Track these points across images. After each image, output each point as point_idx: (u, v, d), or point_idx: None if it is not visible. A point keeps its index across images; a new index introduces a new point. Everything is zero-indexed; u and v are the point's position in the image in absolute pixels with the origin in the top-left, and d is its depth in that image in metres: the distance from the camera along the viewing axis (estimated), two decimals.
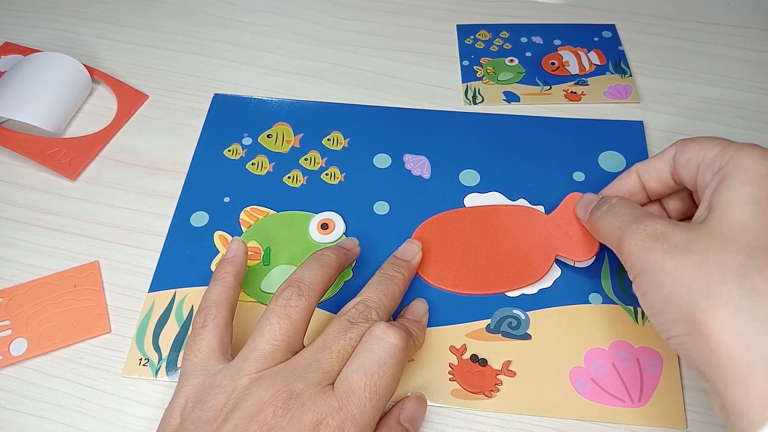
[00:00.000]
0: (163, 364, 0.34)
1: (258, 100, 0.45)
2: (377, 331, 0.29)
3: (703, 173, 0.29)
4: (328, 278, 0.32)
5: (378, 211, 0.39)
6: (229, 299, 0.32)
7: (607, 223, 0.30)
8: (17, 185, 0.41)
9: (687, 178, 0.31)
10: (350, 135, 0.43)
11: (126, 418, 0.32)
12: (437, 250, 0.37)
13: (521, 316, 0.35)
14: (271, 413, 0.26)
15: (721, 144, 0.29)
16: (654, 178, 0.32)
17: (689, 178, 0.30)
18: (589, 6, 0.52)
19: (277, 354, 0.29)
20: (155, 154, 0.43)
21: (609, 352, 0.33)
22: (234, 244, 0.35)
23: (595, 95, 0.45)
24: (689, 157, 0.30)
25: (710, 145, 0.29)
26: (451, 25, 0.51)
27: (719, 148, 0.29)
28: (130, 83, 0.47)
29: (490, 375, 0.33)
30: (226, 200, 0.40)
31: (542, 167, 0.41)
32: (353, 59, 0.48)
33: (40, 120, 0.42)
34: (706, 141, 0.30)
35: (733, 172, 0.27)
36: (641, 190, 0.33)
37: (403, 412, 0.30)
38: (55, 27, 0.51)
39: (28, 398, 0.33)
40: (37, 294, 0.36)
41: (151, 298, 0.36)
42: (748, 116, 0.44)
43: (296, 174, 0.41)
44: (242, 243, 0.35)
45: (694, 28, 0.50)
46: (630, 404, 0.32)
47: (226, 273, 0.33)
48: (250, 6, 0.53)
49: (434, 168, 0.41)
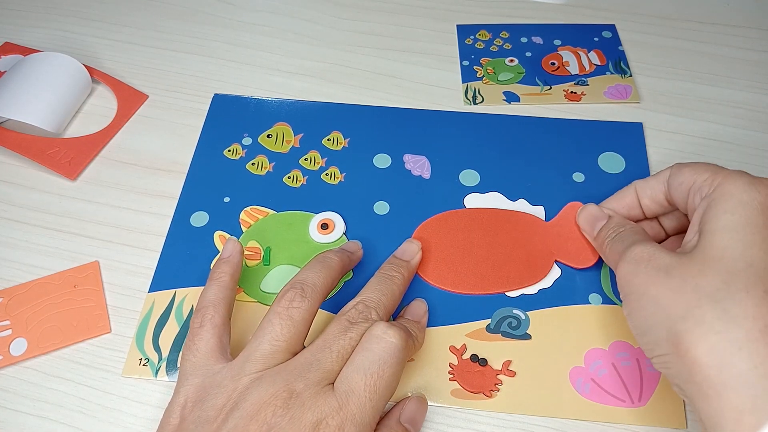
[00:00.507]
0: (163, 364, 0.34)
1: (258, 100, 0.45)
2: (377, 331, 0.29)
3: (693, 197, 0.30)
4: (331, 280, 0.32)
5: (378, 211, 0.39)
6: (226, 299, 0.32)
7: (612, 250, 0.32)
8: (17, 185, 0.41)
9: (679, 200, 0.32)
10: (350, 135, 0.43)
11: (126, 418, 0.32)
12: (437, 250, 0.37)
13: (521, 316, 0.35)
14: (271, 413, 0.26)
15: (712, 170, 0.30)
16: (648, 197, 0.34)
17: (681, 201, 0.32)
18: (589, 6, 0.52)
19: (278, 355, 0.29)
20: (155, 154, 0.43)
21: (609, 352, 0.33)
22: (230, 243, 0.35)
23: (595, 95, 0.45)
24: (682, 181, 0.31)
25: (702, 170, 0.30)
26: (451, 25, 0.51)
27: (709, 173, 0.30)
28: (130, 83, 0.47)
29: (490, 375, 0.33)
30: (226, 200, 0.40)
31: (542, 168, 0.41)
32: (353, 59, 0.49)
33: (40, 120, 0.42)
34: (699, 166, 0.31)
35: (718, 199, 0.28)
36: (638, 207, 0.34)
37: (403, 412, 0.30)
38: (55, 27, 0.51)
39: (28, 398, 0.33)
40: (37, 294, 0.36)
41: (151, 298, 0.36)
42: (748, 116, 0.44)
43: (296, 174, 0.41)
44: (238, 243, 0.35)
45: (694, 28, 0.50)
46: (630, 404, 0.32)
47: (223, 273, 0.33)
48: (250, 6, 0.53)
49: (434, 168, 0.41)
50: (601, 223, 0.34)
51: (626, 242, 0.31)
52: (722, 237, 0.27)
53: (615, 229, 0.33)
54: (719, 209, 0.28)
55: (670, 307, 0.26)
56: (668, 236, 0.36)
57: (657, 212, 0.34)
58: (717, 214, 0.28)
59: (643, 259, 0.28)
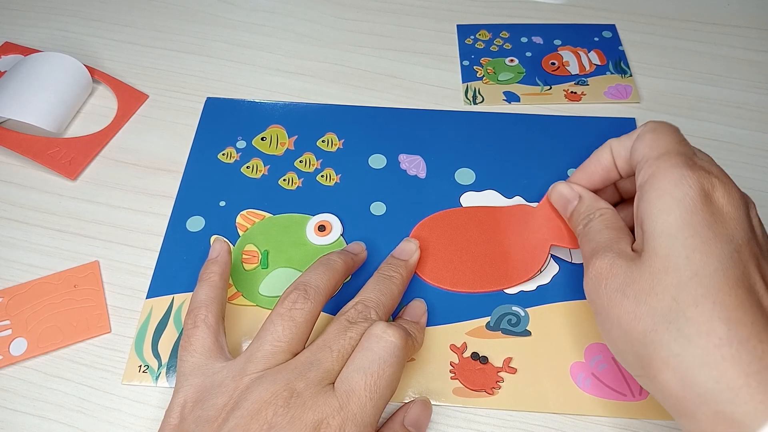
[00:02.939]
0: (163, 371, 0.33)
1: (251, 103, 0.45)
2: (376, 331, 0.29)
3: (636, 174, 0.30)
4: (335, 283, 0.32)
5: (374, 211, 0.39)
6: (218, 298, 0.32)
7: (582, 249, 0.31)
8: (17, 185, 0.41)
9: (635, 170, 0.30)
10: (345, 136, 0.43)
11: (126, 418, 0.32)
12: (435, 249, 0.37)
13: (520, 312, 0.35)
14: (272, 412, 0.26)
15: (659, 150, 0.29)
16: (622, 157, 0.32)
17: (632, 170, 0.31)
18: (589, 6, 0.52)
19: (279, 355, 0.29)
20: (155, 154, 0.43)
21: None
22: (217, 243, 0.35)
23: (595, 95, 0.45)
24: (637, 149, 0.30)
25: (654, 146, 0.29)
26: (451, 25, 0.51)
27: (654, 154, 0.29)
28: (130, 83, 0.47)
29: (492, 372, 0.33)
30: (221, 204, 0.40)
31: (537, 165, 0.41)
32: (353, 59, 0.49)
33: (40, 120, 0.42)
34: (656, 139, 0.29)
35: (650, 193, 0.28)
36: (614, 168, 0.33)
37: (407, 415, 0.30)
38: (55, 27, 0.51)
39: (28, 398, 0.33)
40: (37, 294, 0.36)
41: (149, 304, 0.36)
42: (748, 116, 0.44)
43: (291, 176, 0.41)
44: (225, 242, 0.35)
45: (694, 28, 0.50)
46: (631, 398, 0.32)
47: (212, 273, 0.33)
48: (250, 6, 0.53)
49: (429, 167, 0.41)
50: (572, 205, 0.33)
51: (591, 244, 0.30)
52: (663, 244, 0.26)
53: (585, 218, 0.32)
54: (654, 208, 0.27)
55: (630, 333, 0.26)
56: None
57: (630, 174, 0.33)
58: (653, 214, 0.27)
59: (602, 276, 0.28)
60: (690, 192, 0.27)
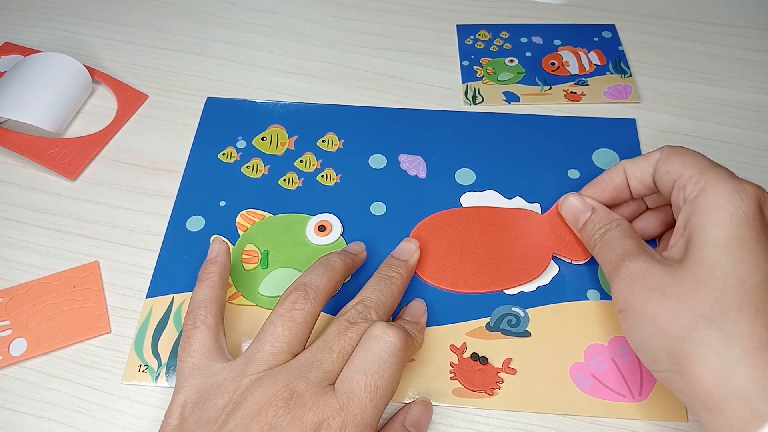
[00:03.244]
0: (162, 370, 0.33)
1: (251, 103, 0.45)
2: (376, 331, 0.29)
3: (677, 193, 0.31)
4: (335, 283, 0.32)
5: (375, 211, 0.39)
6: (217, 299, 0.32)
7: (602, 256, 0.32)
8: (17, 185, 0.41)
9: (664, 190, 0.32)
10: (345, 136, 0.43)
11: (126, 418, 0.32)
12: (435, 249, 0.37)
13: (520, 313, 0.35)
14: (272, 413, 0.26)
15: (699, 167, 0.30)
16: (637, 179, 0.33)
17: (665, 191, 0.32)
18: (589, 6, 0.52)
19: (279, 356, 0.29)
20: (155, 154, 0.43)
21: (608, 348, 0.33)
22: (216, 243, 0.35)
23: (595, 95, 0.45)
24: (668, 170, 0.31)
25: (689, 165, 0.30)
26: (451, 25, 0.51)
27: (695, 171, 0.30)
28: (130, 83, 0.47)
29: (491, 373, 0.33)
30: (221, 204, 0.40)
31: (537, 165, 0.41)
32: (353, 59, 0.49)
33: (40, 120, 0.42)
34: (687, 159, 0.31)
35: (703, 208, 0.28)
36: (626, 188, 0.34)
37: (408, 416, 0.30)
38: (55, 27, 0.51)
39: (28, 398, 0.33)
40: (37, 294, 0.36)
41: (149, 303, 0.36)
42: (748, 116, 0.44)
43: (292, 176, 0.41)
44: (224, 242, 0.35)
45: (694, 28, 0.50)
46: (631, 399, 0.32)
47: (211, 273, 0.33)
48: (250, 6, 0.53)
49: (430, 168, 0.41)
50: (585, 216, 0.34)
51: (617, 250, 0.31)
52: (711, 253, 0.27)
53: (602, 227, 0.33)
54: (705, 221, 0.28)
55: (668, 329, 0.27)
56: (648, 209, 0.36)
57: (644, 194, 0.34)
58: (704, 227, 0.28)
59: (638, 277, 0.29)
60: (743, 206, 0.28)
